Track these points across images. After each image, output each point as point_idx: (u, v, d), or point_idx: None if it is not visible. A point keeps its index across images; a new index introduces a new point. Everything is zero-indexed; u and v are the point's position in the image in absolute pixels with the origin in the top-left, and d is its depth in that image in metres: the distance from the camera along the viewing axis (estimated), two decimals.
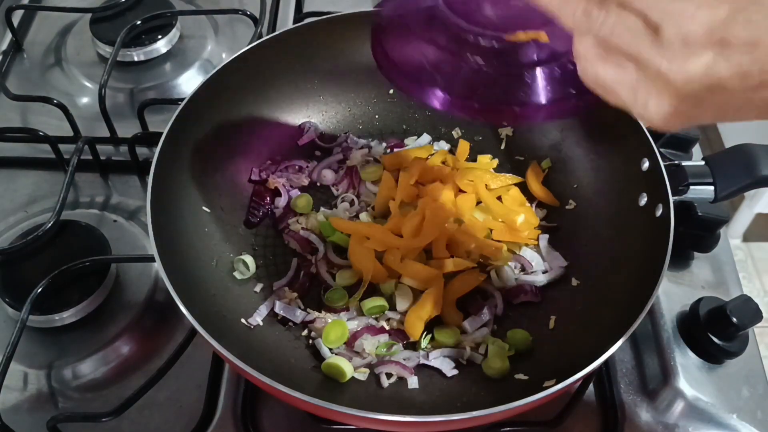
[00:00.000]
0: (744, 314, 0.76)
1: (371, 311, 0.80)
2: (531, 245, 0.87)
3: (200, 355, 0.79)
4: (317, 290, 0.84)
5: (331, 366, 0.75)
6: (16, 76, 1.09)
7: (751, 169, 0.74)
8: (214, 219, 0.85)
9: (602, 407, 0.78)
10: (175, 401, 0.77)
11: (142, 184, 0.97)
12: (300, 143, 0.95)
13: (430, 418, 0.61)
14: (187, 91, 1.00)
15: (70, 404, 0.77)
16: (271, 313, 0.81)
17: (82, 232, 0.86)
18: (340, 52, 0.94)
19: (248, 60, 0.87)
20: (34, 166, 0.98)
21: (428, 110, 0.98)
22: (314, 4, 1.20)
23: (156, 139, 0.78)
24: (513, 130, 0.96)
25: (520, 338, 0.79)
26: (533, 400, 0.62)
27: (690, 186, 0.76)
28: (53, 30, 1.16)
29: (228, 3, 1.17)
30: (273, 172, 0.92)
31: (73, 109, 0.99)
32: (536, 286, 0.84)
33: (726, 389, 0.76)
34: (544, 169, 0.93)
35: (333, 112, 0.98)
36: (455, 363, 0.78)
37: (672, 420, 0.76)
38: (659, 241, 0.72)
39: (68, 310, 0.80)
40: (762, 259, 2.34)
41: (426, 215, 0.85)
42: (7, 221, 0.92)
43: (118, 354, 0.80)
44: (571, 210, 0.89)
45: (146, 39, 1.08)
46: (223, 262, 0.83)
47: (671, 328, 0.80)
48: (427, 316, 0.79)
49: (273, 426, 0.76)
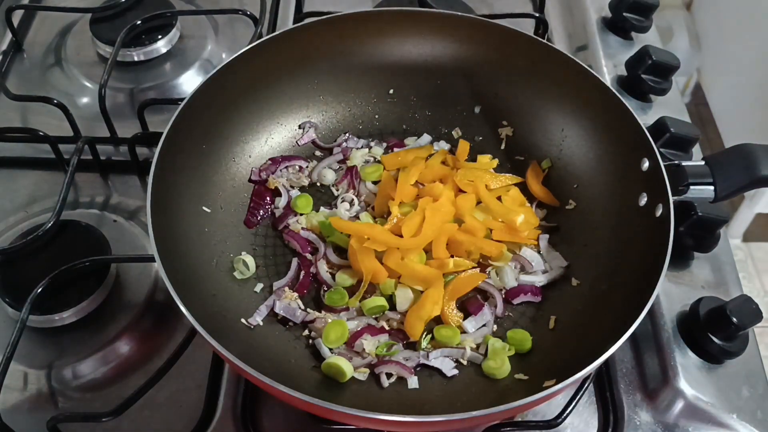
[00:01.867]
0: (744, 314, 0.76)
1: (371, 311, 0.80)
2: (531, 245, 0.87)
3: (200, 355, 0.79)
4: (317, 290, 0.84)
5: (331, 366, 0.75)
6: (16, 76, 1.09)
7: (751, 169, 0.74)
8: (214, 219, 0.85)
9: (602, 407, 0.79)
10: (175, 401, 0.77)
11: (142, 184, 0.97)
12: (300, 143, 0.95)
13: (430, 418, 0.61)
14: (187, 91, 1.01)
15: (70, 404, 0.77)
16: (271, 313, 0.81)
17: (82, 232, 0.87)
18: (340, 52, 0.94)
19: (248, 60, 0.87)
20: (34, 166, 0.98)
21: (428, 110, 0.98)
22: (314, 4, 1.20)
23: (156, 139, 0.78)
24: (513, 130, 0.96)
25: (520, 338, 0.79)
26: (533, 400, 0.62)
27: (690, 186, 0.76)
28: (53, 30, 1.16)
29: (228, 3, 1.17)
30: (273, 172, 0.92)
31: (73, 109, 0.99)
32: (536, 286, 0.84)
33: (726, 389, 0.76)
34: (544, 169, 0.93)
35: (333, 112, 0.98)
36: (455, 363, 0.78)
37: (672, 420, 0.76)
38: (659, 241, 0.72)
39: (68, 310, 0.80)
40: (762, 259, 2.34)
41: (426, 215, 0.84)
42: (7, 221, 0.92)
43: (118, 354, 0.81)
44: (571, 210, 0.89)
45: (146, 39, 1.08)
46: (223, 262, 0.83)
47: (671, 328, 0.80)
48: (427, 316, 0.79)
49: (273, 426, 0.76)
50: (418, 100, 0.98)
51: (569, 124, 0.91)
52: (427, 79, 0.97)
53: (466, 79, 0.96)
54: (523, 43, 0.91)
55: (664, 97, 1.04)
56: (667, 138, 0.92)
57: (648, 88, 1.02)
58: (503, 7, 1.22)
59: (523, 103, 0.94)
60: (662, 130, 0.92)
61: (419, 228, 0.84)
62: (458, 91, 0.97)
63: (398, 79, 0.97)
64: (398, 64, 0.96)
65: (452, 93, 0.97)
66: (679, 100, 1.05)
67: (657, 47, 1.03)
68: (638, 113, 0.84)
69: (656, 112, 1.01)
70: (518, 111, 0.95)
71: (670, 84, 1.03)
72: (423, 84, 0.98)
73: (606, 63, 1.08)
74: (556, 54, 0.89)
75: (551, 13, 1.20)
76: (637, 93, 1.03)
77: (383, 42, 0.95)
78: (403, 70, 0.97)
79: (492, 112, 0.97)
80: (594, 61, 1.09)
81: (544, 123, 0.93)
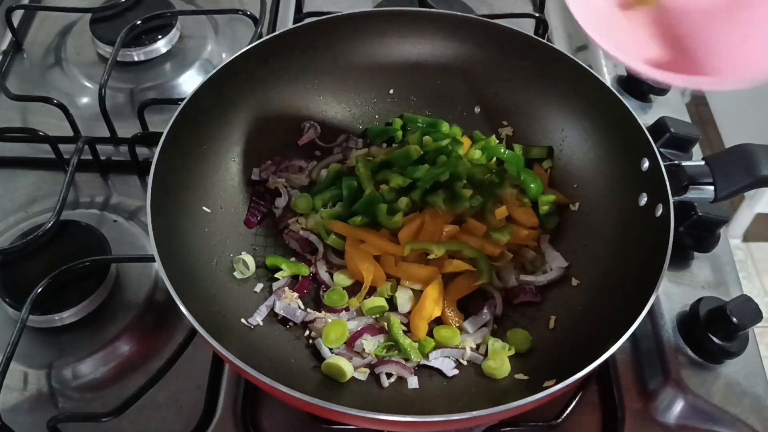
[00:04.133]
0: (744, 314, 0.76)
1: (371, 311, 0.80)
2: (531, 245, 0.87)
3: (200, 355, 0.79)
4: (317, 290, 0.84)
5: (331, 366, 0.75)
6: (16, 76, 1.09)
7: (751, 169, 0.74)
8: (214, 219, 0.85)
9: (602, 407, 0.79)
10: (175, 401, 0.77)
11: (142, 184, 0.97)
12: (300, 143, 0.95)
13: (430, 418, 0.61)
14: (187, 91, 1.01)
15: (70, 404, 0.77)
16: (271, 313, 0.81)
17: (82, 232, 0.87)
18: (340, 52, 0.94)
19: (248, 60, 0.87)
20: (34, 166, 0.98)
21: (428, 110, 0.98)
22: (314, 4, 1.20)
23: (156, 139, 0.78)
24: (513, 130, 0.96)
25: (520, 338, 0.79)
26: (533, 400, 0.62)
27: (690, 186, 0.76)
28: (53, 30, 1.16)
29: (228, 3, 1.17)
30: (273, 172, 0.92)
31: (73, 109, 0.99)
32: (536, 286, 0.84)
33: (726, 389, 0.76)
34: (546, 170, 0.93)
35: (333, 112, 0.98)
36: (455, 363, 0.78)
37: (672, 420, 0.76)
38: (659, 241, 0.72)
39: (68, 310, 0.80)
40: (762, 259, 2.34)
41: (425, 219, 0.84)
42: (7, 221, 0.92)
43: (118, 354, 0.80)
44: (571, 210, 0.89)
45: (146, 39, 1.08)
46: (223, 262, 0.83)
47: (671, 328, 0.80)
48: (429, 316, 0.79)
49: (273, 426, 0.76)
50: (418, 100, 0.98)
51: (569, 124, 0.91)
52: (427, 79, 0.97)
53: (466, 79, 0.96)
54: (523, 43, 0.91)
55: (664, 97, 1.04)
56: (667, 138, 0.92)
57: (648, 88, 1.02)
58: (503, 7, 1.22)
59: (523, 103, 0.94)
60: (662, 130, 0.92)
61: (417, 234, 0.84)
62: (458, 91, 0.97)
63: (398, 79, 0.97)
64: (398, 64, 0.96)
65: (452, 93, 0.97)
66: (679, 100, 1.05)
67: None
68: (638, 113, 0.84)
69: (656, 112, 1.01)
70: (518, 111, 0.95)
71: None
72: (423, 84, 0.98)
73: (606, 63, 1.08)
74: (556, 54, 0.89)
75: (551, 13, 1.20)
76: (637, 93, 1.03)
77: (383, 42, 0.95)
78: (403, 70, 0.97)
79: (492, 112, 0.97)
80: (594, 61, 1.09)
81: (544, 123, 0.93)
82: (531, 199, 0.89)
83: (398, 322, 0.79)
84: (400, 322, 0.79)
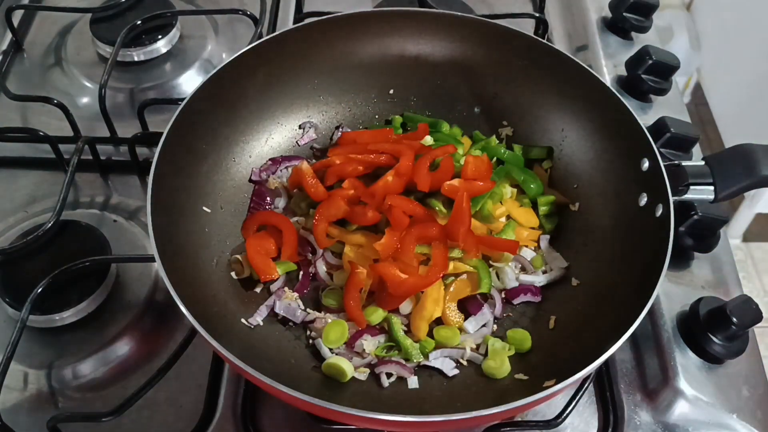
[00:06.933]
0: (744, 314, 0.76)
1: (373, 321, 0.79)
2: (531, 246, 0.87)
3: (200, 355, 0.79)
4: (317, 290, 0.84)
5: (331, 366, 0.75)
6: (16, 76, 1.09)
7: (751, 169, 0.74)
8: (214, 219, 0.85)
9: (602, 407, 0.79)
10: (175, 401, 0.77)
11: (142, 184, 0.97)
12: (300, 143, 0.95)
13: (430, 418, 0.61)
14: (187, 91, 1.01)
15: (70, 404, 0.77)
16: (271, 313, 0.81)
17: (82, 232, 0.86)
18: (340, 52, 0.94)
19: (248, 60, 0.87)
20: (34, 166, 0.98)
21: (428, 110, 0.98)
22: (314, 4, 1.20)
23: (156, 139, 0.78)
24: (513, 130, 0.96)
25: (520, 338, 0.79)
26: (533, 400, 0.62)
27: (690, 186, 0.76)
28: (53, 30, 1.16)
29: (228, 3, 1.17)
30: (273, 172, 0.92)
31: (73, 109, 0.99)
32: (536, 286, 0.84)
33: (726, 389, 0.76)
34: (546, 170, 0.93)
35: (333, 112, 0.98)
36: (455, 363, 0.78)
37: (672, 420, 0.76)
38: (659, 241, 0.72)
39: (68, 310, 0.80)
40: (762, 259, 2.34)
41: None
42: (7, 221, 0.92)
43: (118, 354, 0.81)
44: (571, 210, 0.89)
45: (146, 39, 1.08)
46: (223, 262, 0.83)
47: (671, 328, 0.80)
48: (429, 316, 0.79)
49: (273, 426, 0.76)
50: (418, 100, 0.98)
51: (569, 124, 0.91)
52: (427, 79, 0.97)
53: (466, 79, 0.96)
54: (523, 43, 0.91)
55: (664, 97, 1.04)
56: (667, 138, 0.92)
57: (648, 88, 1.02)
58: (503, 7, 1.22)
59: (523, 103, 0.94)
60: (662, 130, 0.92)
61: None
62: (458, 91, 0.97)
63: (398, 79, 0.97)
64: (398, 64, 0.96)
65: (452, 93, 0.97)
66: (679, 100, 1.05)
67: (657, 47, 1.03)
68: (638, 113, 0.84)
69: (656, 112, 1.01)
70: (518, 111, 0.95)
71: (670, 84, 1.03)
72: (423, 84, 0.98)
73: (606, 63, 1.08)
74: (556, 54, 0.89)
75: (551, 13, 1.20)
76: (637, 93, 1.03)
77: (383, 42, 0.95)
78: (403, 70, 0.97)
79: (492, 112, 0.97)
80: (594, 61, 1.09)
81: (544, 123, 0.93)
82: (531, 199, 0.90)
83: (399, 323, 0.79)
84: (401, 323, 0.79)
